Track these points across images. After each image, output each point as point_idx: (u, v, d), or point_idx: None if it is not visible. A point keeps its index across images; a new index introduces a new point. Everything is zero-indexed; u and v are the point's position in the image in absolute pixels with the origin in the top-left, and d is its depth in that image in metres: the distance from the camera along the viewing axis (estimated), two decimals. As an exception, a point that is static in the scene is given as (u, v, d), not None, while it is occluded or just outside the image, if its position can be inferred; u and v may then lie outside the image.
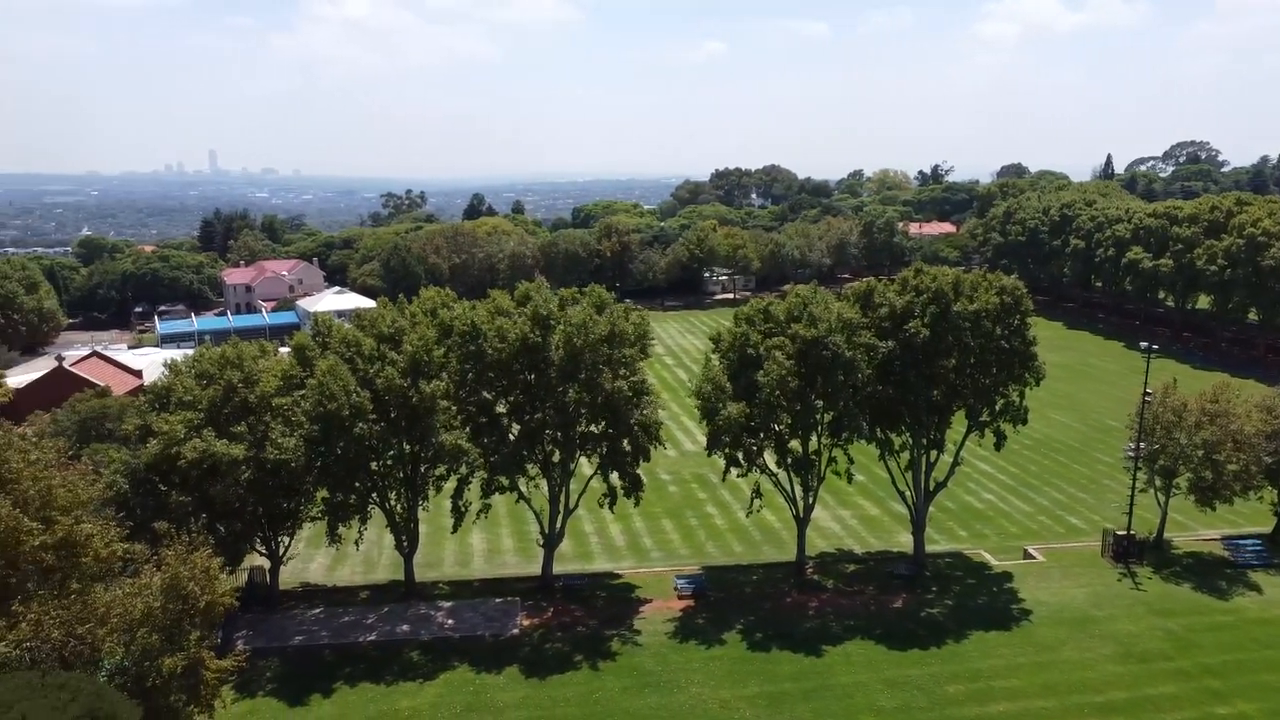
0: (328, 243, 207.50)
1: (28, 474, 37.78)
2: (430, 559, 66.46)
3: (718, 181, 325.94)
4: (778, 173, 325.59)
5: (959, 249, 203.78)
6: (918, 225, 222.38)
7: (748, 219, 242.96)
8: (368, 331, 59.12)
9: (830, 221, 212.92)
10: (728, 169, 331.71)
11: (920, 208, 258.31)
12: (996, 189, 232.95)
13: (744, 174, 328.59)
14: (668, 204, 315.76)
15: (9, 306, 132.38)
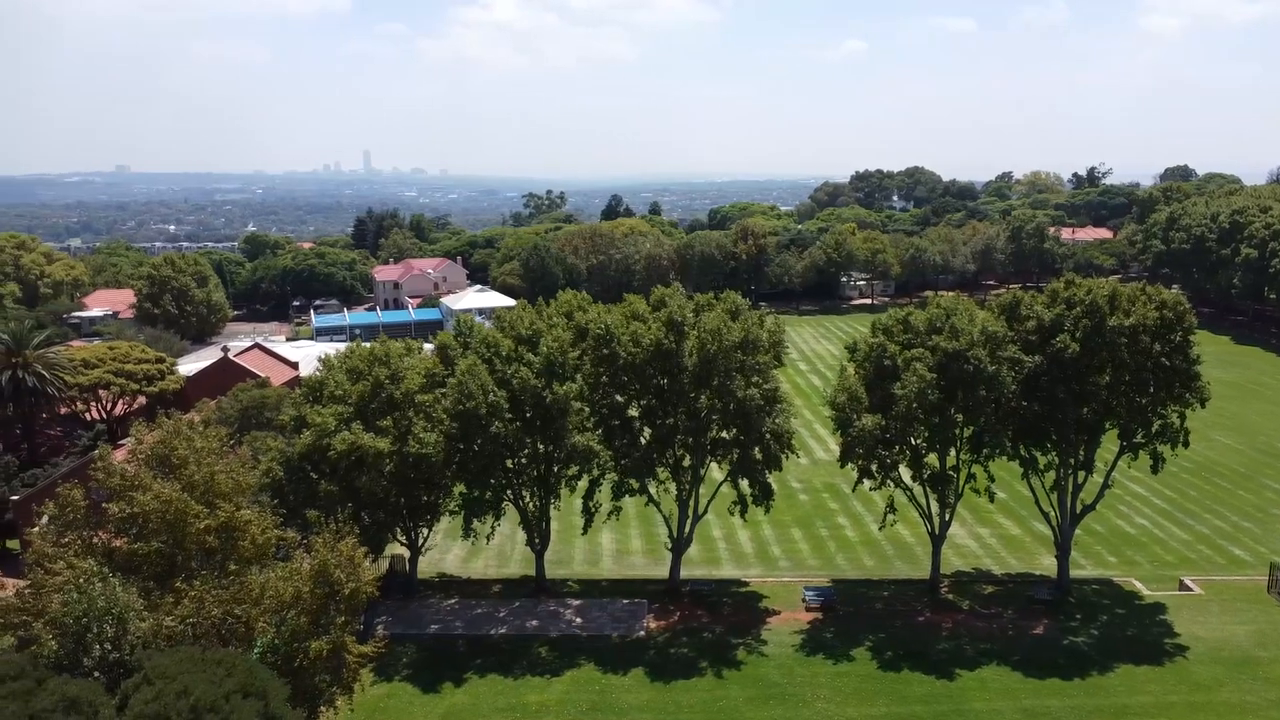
0: (471, 242, 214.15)
1: (194, 460, 40.48)
2: (561, 556, 67.73)
3: (857, 183, 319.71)
4: (920, 174, 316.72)
5: (1115, 256, 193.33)
6: (1070, 231, 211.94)
7: (888, 222, 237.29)
8: (506, 333, 60.72)
9: (975, 226, 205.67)
10: (868, 170, 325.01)
11: (1073, 212, 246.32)
12: (1159, 193, 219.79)
13: (885, 176, 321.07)
14: (805, 206, 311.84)
15: (182, 299, 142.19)
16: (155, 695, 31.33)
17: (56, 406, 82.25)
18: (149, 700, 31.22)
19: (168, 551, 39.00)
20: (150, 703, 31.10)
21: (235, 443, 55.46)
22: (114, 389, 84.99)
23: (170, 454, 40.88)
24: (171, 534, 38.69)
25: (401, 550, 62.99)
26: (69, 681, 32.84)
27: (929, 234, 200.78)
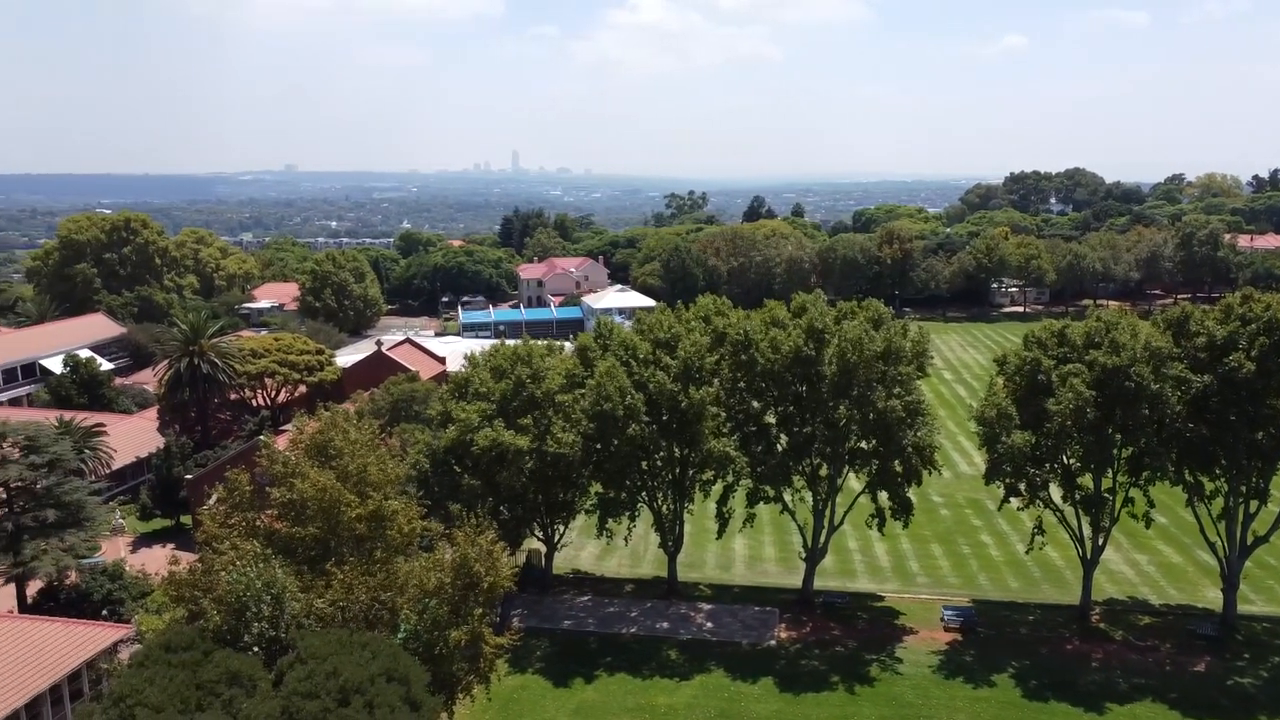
0: (613, 241, 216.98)
1: (349, 452, 42.56)
2: (693, 560, 67.83)
3: (1012, 185, 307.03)
4: (1081, 176, 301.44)
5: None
6: (1248, 238, 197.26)
7: (1044, 226, 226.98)
8: (645, 336, 61.24)
9: (1140, 231, 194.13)
10: (1024, 172, 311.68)
11: (1253, 217, 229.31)
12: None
13: (1042, 177, 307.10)
14: (955, 208, 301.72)
15: (341, 294, 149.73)
16: (308, 674, 33.10)
17: (227, 393, 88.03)
18: (302, 679, 33.00)
19: (322, 537, 41.17)
20: (303, 681, 32.87)
21: (385, 434, 58.03)
22: (278, 378, 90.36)
23: (327, 444, 43.11)
24: (326, 520, 40.81)
25: (538, 545, 64.43)
26: (231, 655, 35.10)
27: (1089, 239, 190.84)
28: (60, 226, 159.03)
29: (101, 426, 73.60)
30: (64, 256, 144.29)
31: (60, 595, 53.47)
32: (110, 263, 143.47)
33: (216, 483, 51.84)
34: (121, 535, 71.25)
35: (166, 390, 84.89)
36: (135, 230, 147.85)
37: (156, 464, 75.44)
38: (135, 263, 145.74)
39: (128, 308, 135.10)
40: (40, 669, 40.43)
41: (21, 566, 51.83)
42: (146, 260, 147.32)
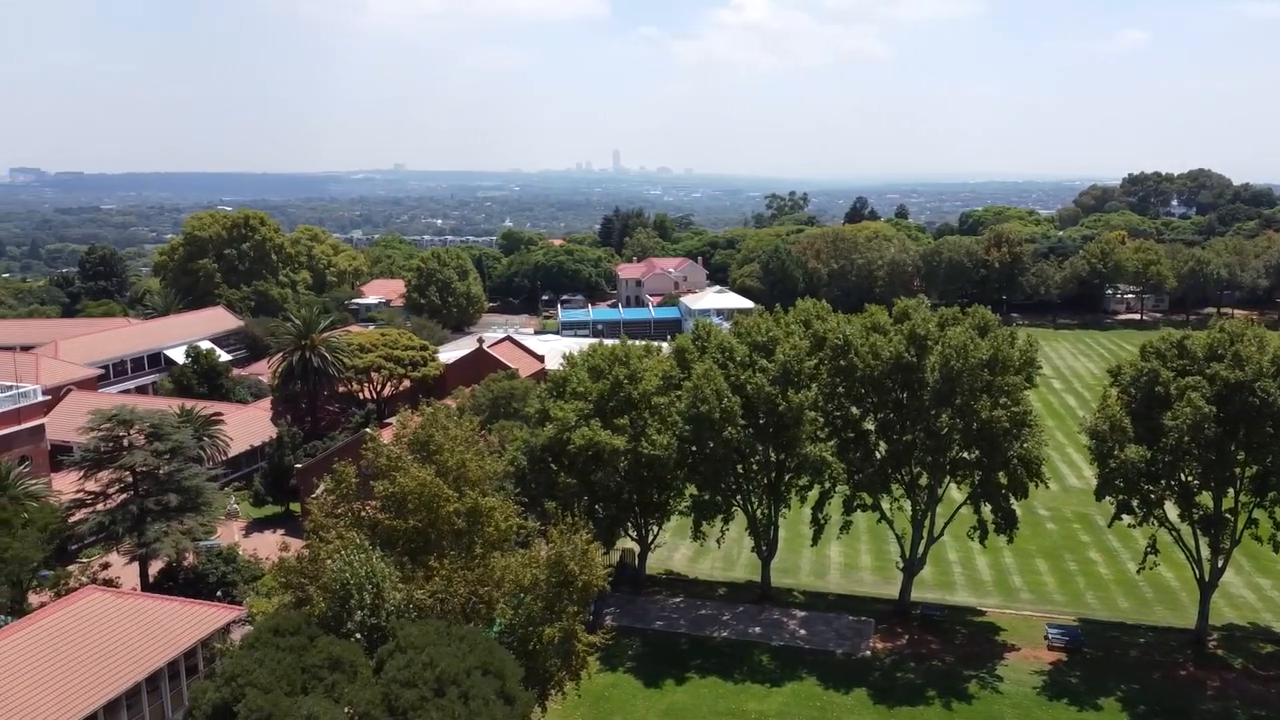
0: (712, 242, 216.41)
1: (449, 448, 43.55)
2: (787, 565, 67.17)
3: (1130, 187, 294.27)
4: (1206, 178, 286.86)
5: None
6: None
7: (1164, 230, 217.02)
8: (743, 338, 60.90)
9: (1271, 236, 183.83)
10: (1143, 173, 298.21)
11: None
12: None
13: (1163, 179, 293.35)
14: (1068, 211, 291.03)
15: (445, 291, 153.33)
16: (406, 663, 34.01)
17: (335, 385, 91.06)
18: (401, 667, 33.93)
19: (422, 530, 42.23)
20: (402, 669, 33.79)
21: (485, 430, 59.15)
22: (384, 372, 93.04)
23: (429, 440, 44.21)
24: (426, 514, 41.85)
25: (632, 545, 64.77)
26: (335, 641, 36.32)
27: (1214, 244, 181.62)
28: (185, 223, 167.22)
29: (219, 415, 77.06)
30: (188, 252, 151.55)
31: (179, 576, 56.25)
32: (230, 258, 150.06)
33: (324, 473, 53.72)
34: (236, 520, 74.46)
35: (279, 382, 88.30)
36: (254, 227, 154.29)
37: (269, 453, 78.65)
38: (253, 258, 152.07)
39: (245, 302, 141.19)
40: (160, 645, 42.58)
41: (145, 547, 54.73)
42: (263, 256, 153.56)
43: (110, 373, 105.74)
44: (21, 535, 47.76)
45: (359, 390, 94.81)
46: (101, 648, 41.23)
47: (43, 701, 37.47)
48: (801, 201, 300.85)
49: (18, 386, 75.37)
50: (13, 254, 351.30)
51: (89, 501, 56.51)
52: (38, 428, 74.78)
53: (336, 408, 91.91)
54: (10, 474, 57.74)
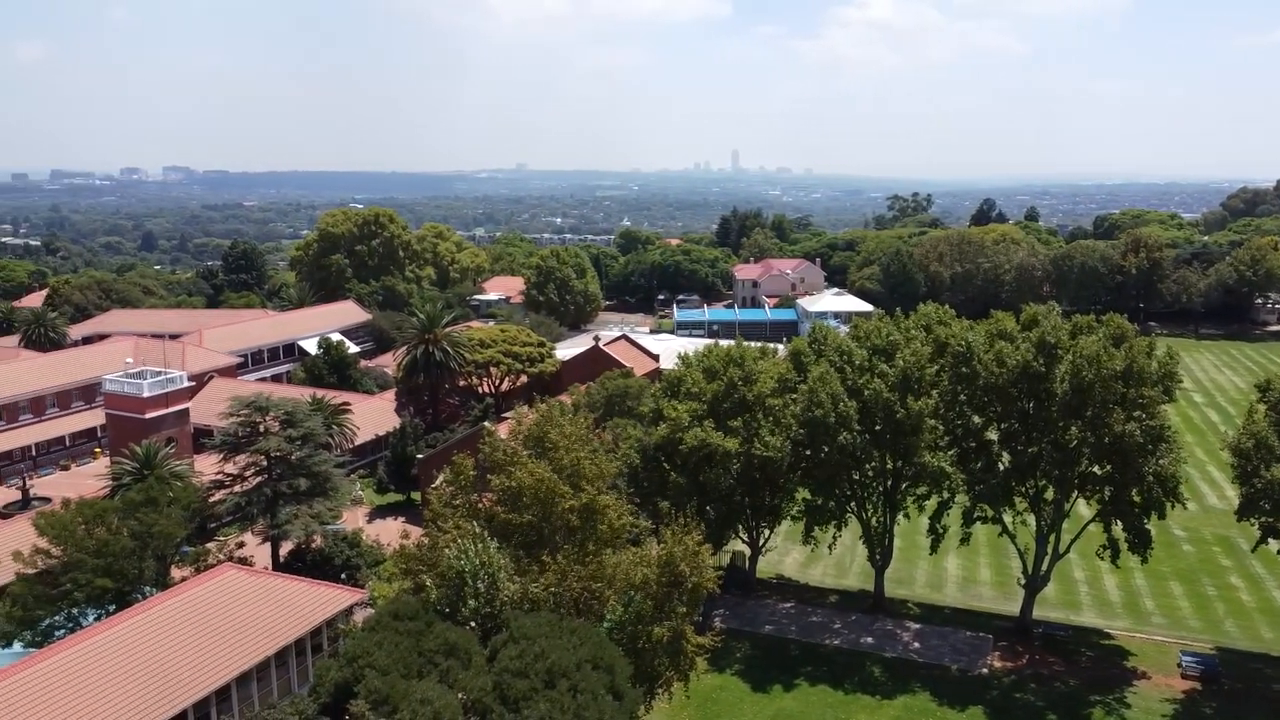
0: (831, 243, 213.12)
1: (564, 445, 44.23)
2: (901, 575, 65.64)
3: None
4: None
5: None
6: None
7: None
8: (861, 342, 59.81)
9: None
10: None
11: None
12: None
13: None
14: (1214, 214, 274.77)
15: (563, 289, 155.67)
16: (518, 654, 34.74)
17: (456, 379, 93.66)
18: (513, 657, 34.68)
19: (537, 524, 43.06)
20: (514, 660, 34.54)
21: (599, 428, 59.84)
22: (502, 367, 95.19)
23: (544, 436, 45.02)
24: (541, 509, 42.65)
25: (742, 548, 64.43)
26: (450, 628, 37.41)
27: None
28: (320, 220, 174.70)
29: (347, 405, 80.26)
30: (322, 248, 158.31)
31: (307, 557, 58.83)
32: (360, 254, 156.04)
33: (444, 465, 55.29)
34: (360, 506, 77.44)
35: (403, 374, 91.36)
36: (383, 225, 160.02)
37: (392, 442, 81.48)
38: (382, 255, 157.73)
39: (374, 296, 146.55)
40: (289, 622, 44.64)
41: (277, 529, 57.49)
42: (391, 253, 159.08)
43: (249, 361, 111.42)
44: (167, 513, 50.79)
45: (478, 384, 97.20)
46: (235, 622, 43.50)
47: (182, 669, 39.79)
48: (925, 203, 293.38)
49: (167, 373, 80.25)
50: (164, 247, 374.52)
51: (227, 483, 59.67)
52: (183, 412, 79.46)
53: (456, 401, 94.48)
54: (158, 454, 61.57)
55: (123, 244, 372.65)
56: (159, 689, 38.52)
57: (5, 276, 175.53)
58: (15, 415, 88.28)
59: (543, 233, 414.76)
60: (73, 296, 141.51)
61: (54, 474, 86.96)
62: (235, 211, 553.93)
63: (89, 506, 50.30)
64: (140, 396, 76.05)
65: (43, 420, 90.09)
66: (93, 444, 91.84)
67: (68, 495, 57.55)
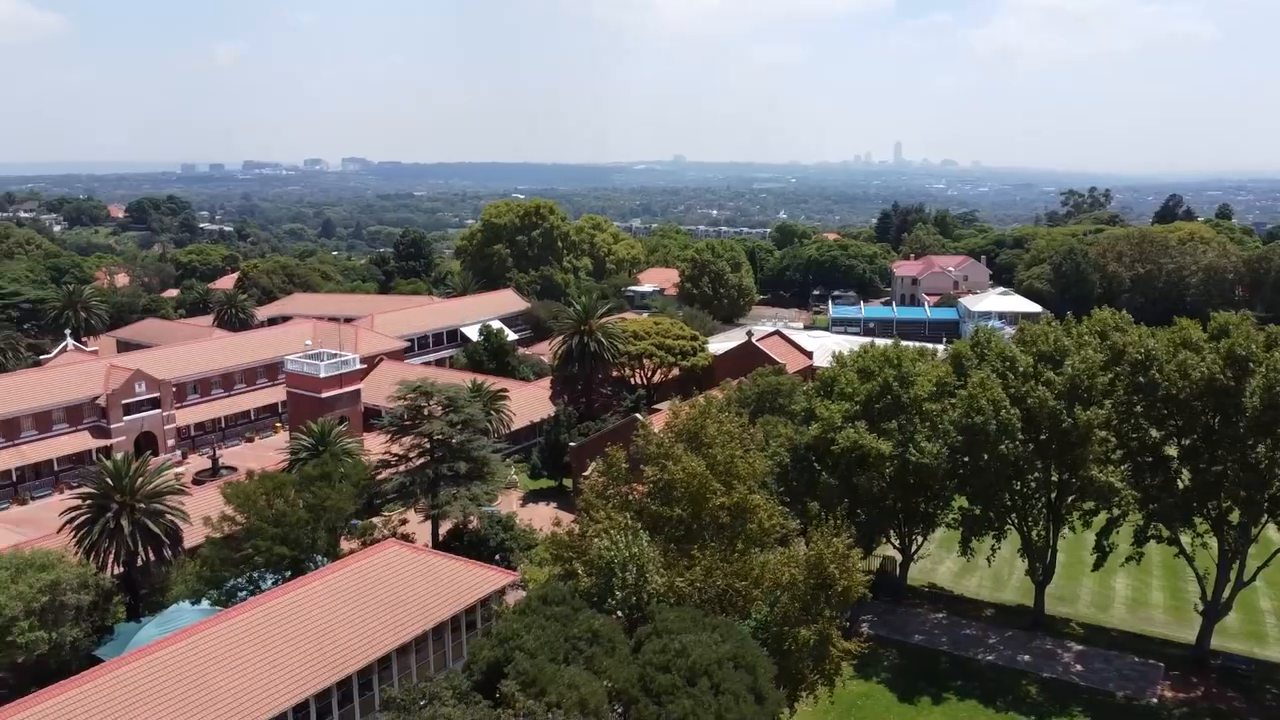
0: (998, 240, 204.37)
1: (719, 442, 44.31)
2: (1064, 592, 62.50)
3: None
4: None
5: None
6: None
7: None
8: (1027, 347, 57.14)
9: None
10: None
11: None
12: None
13: None
14: None
15: (718, 282, 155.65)
16: (662, 648, 35.15)
17: (609, 370, 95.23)
18: (657, 651, 35.13)
19: (688, 519, 43.38)
20: (658, 654, 34.98)
21: (750, 425, 59.56)
22: (655, 359, 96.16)
23: (699, 431, 45.24)
24: (692, 505, 42.94)
25: (893, 553, 62.88)
26: (596, 616, 38.19)
27: None
28: (484, 211, 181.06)
29: (505, 392, 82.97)
30: (485, 238, 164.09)
31: (464, 537, 61.28)
32: (521, 244, 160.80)
33: (596, 454, 56.47)
34: (514, 490, 79.94)
35: (559, 363, 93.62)
36: (543, 216, 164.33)
37: (547, 429, 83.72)
38: (541, 245, 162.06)
39: (532, 285, 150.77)
40: (446, 599, 46.67)
41: (437, 509, 60.11)
42: (550, 243, 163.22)
43: (415, 345, 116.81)
44: (338, 488, 53.99)
45: (631, 375, 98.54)
46: (397, 595, 45.82)
47: (348, 637, 42.26)
48: (1103, 198, 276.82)
49: (341, 354, 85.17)
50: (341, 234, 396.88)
51: (392, 462, 62.78)
52: (355, 392, 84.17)
53: (609, 391, 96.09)
54: (332, 432, 65.42)
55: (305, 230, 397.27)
56: (328, 654, 41.06)
57: (203, 260, 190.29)
58: (208, 390, 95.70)
59: (698, 225, 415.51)
60: (260, 280, 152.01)
61: (240, 445, 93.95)
62: (406, 201, 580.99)
63: (270, 478, 54.08)
64: (317, 376, 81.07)
65: (231, 395, 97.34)
66: (274, 419, 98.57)
67: (251, 466, 62.08)
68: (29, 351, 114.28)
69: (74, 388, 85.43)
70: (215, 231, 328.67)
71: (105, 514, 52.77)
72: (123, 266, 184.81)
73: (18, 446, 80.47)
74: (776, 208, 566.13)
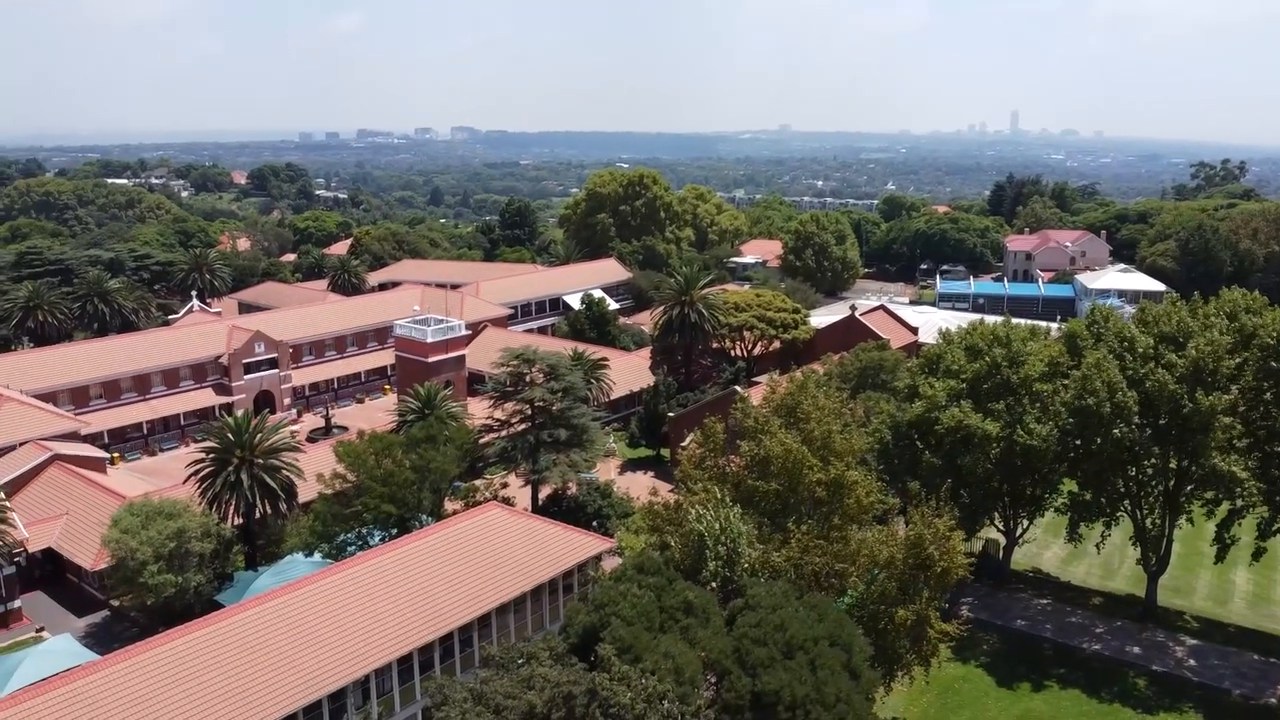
0: (1120, 215, 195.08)
1: (816, 417, 43.89)
2: (1178, 584, 60.03)
3: None
4: None
5: None
6: None
7: None
8: (1148, 328, 54.62)
9: None
10: None
11: None
12: None
13: None
14: None
15: (821, 254, 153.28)
16: (757, 622, 35.19)
17: (709, 341, 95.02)
18: (752, 625, 35.19)
19: (783, 494, 43.19)
20: (753, 627, 35.04)
21: (851, 400, 58.76)
22: (755, 332, 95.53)
23: (797, 406, 44.89)
24: (789, 480, 42.70)
25: (996, 536, 61.37)
26: (691, 588, 38.45)
27: None
28: (588, 180, 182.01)
29: (605, 360, 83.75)
30: (589, 207, 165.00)
31: (562, 503, 62.40)
32: (624, 214, 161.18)
33: (694, 425, 56.59)
34: (612, 459, 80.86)
35: (659, 333, 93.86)
36: (646, 186, 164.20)
37: (645, 399, 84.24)
38: (644, 215, 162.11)
39: (634, 255, 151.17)
40: (544, 563, 47.69)
41: (537, 474, 61.33)
42: (654, 213, 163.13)
43: (518, 313, 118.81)
44: (443, 450, 55.59)
45: (731, 347, 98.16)
46: (498, 556, 47.05)
47: (450, 595, 43.66)
48: (1237, 171, 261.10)
49: (447, 320, 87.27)
50: (448, 202, 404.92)
51: (495, 427, 64.24)
52: (460, 358, 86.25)
53: (708, 362, 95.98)
54: (438, 396, 67.27)
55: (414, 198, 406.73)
56: (431, 610, 42.53)
57: (318, 226, 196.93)
58: (322, 351, 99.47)
59: (803, 195, 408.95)
60: (371, 246, 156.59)
61: (351, 406, 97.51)
62: (512, 169, 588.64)
63: (379, 439, 56.02)
64: (425, 341, 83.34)
65: (343, 357, 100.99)
66: (383, 381, 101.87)
67: (362, 426, 64.36)
68: (159, 311, 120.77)
69: (199, 347, 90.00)
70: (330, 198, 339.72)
71: (226, 468, 55.59)
72: (244, 231, 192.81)
73: (148, 401, 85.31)
74: (885, 179, 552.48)
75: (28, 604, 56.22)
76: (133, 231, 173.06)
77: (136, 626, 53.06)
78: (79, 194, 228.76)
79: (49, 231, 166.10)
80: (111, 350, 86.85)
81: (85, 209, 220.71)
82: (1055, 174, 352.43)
